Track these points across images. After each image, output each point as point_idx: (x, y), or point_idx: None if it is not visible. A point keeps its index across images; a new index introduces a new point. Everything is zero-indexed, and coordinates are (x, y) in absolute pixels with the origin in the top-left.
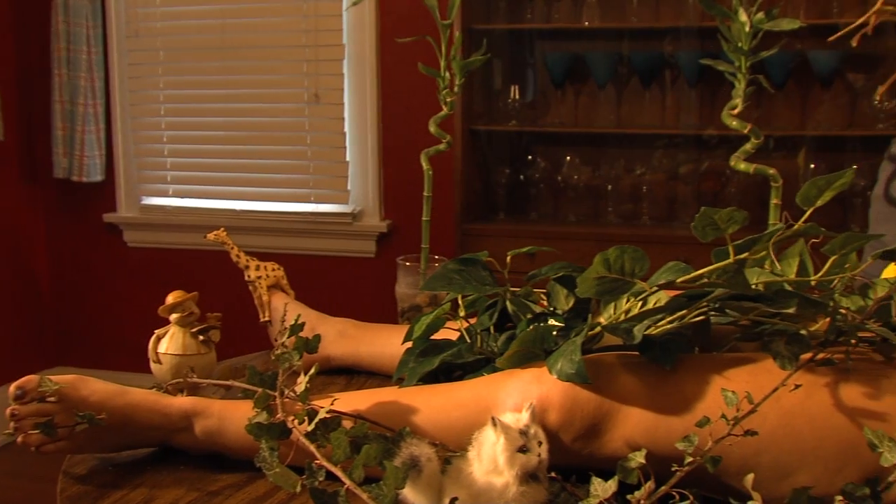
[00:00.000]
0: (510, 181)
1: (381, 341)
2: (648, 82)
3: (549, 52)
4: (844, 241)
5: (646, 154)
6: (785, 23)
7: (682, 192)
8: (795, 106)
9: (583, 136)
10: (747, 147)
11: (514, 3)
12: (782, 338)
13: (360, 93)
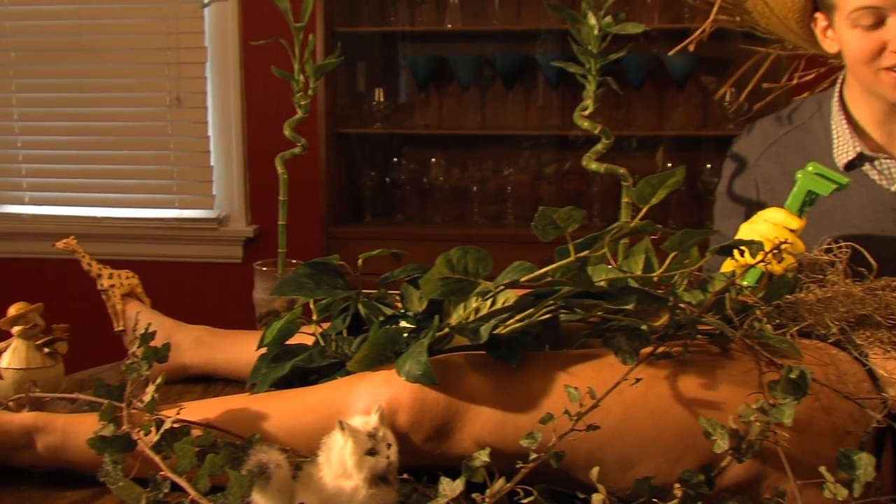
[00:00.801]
0: (377, 184)
1: (237, 348)
2: (512, 84)
3: (413, 54)
4: (683, 237)
5: (511, 155)
6: (630, 27)
7: (546, 192)
8: (653, 107)
9: (448, 137)
10: (598, 147)
11: (378, 6)
12: (623, 333)
13: (223, 96)
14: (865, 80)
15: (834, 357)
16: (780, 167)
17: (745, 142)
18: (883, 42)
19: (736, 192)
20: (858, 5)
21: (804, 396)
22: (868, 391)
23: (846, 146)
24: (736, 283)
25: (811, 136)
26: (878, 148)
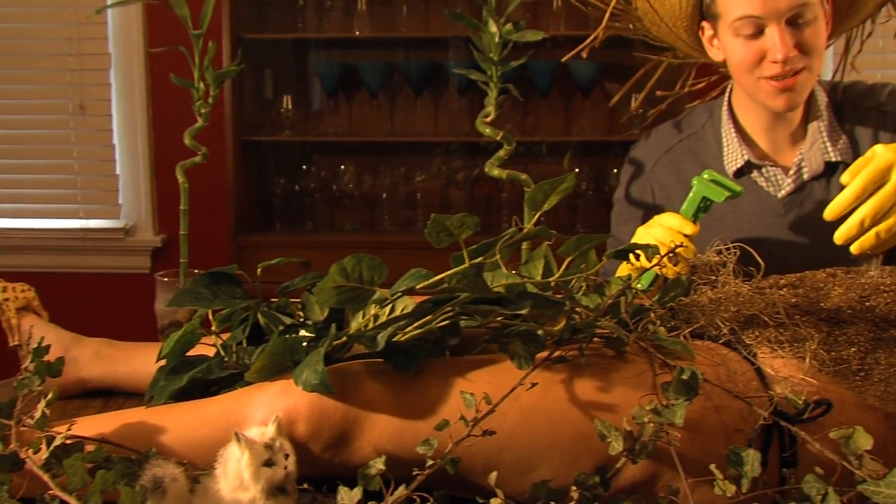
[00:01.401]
0: (286, 192)
1: (139, 360)
2: (421, 91)
3: (322, 61)
4: (577, 242)
5: (421, 161)
6: (530, 34)
7: (456, 198)
8: (560, 113)
9: (358, 145)
10: (501, 154)
11: (286, 13)
12: (519, 338)
13: (128, 103)
14: (748, 89)
15: (725, 357)
16: (674, 174)
17: (642, 149)
18: (763, 51)
19: (633, 197)
20: (739, 15)
21: (695, 396)
22: (756, 389)
23: (735, 154)
24: (631, 286)
25: (703, 143)
26: (764, 156)
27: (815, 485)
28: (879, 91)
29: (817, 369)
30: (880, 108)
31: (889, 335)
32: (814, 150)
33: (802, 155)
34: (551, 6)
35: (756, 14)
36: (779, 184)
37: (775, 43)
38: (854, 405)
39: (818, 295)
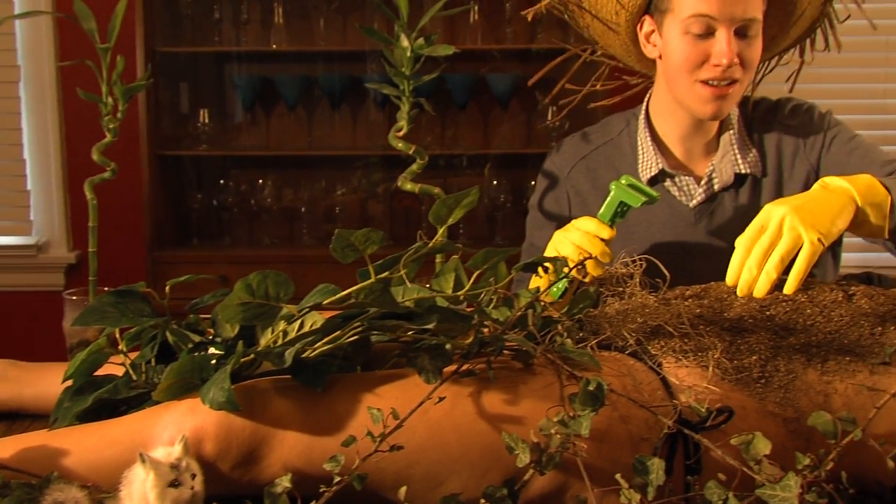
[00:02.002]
0: (204, 206)
1: (46, 381)
2: (339, 104)
3: (239, 74)
4: (485, 255)
5: (341, 175)
6: (441, 49)
7: (376, 212)
8: (478, 125)
9: (276, 159)
10: (413, 168)
11: (202, 26)
12: (427, 353)
13: (39, 117)
14: (680, 90)
15: (631, 367)
16: (590, 181)
17: (558, 155)
18: (707, 54)
19: (548, 203)
20: (694, 12)
21: (602, 407)
22: (662, 399)
23: (650, 162)
24: (541, 299)
25: (619, 151)
26: (678, 165)
27: (717, 490)
28: (783, 106)
29: (720, 377)
30: (783, 121)
31: (788, 343)
32: (725, 162)
33: (714, 166)
34: (468, 20)
35: (711, 14)
36: (691, 193)
37: (723, 47)
38: (755, 412)
39: (722, 305)
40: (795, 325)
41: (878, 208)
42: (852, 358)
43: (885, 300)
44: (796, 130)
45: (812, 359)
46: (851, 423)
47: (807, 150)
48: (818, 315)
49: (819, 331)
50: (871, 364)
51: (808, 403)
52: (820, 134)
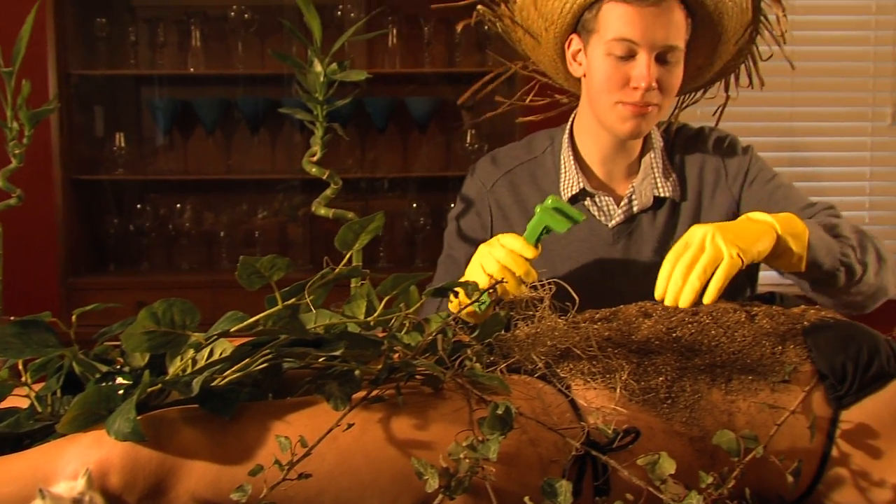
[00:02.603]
0: (120, 232)
1: None
2: (257, 128)
3: (156, 98)
4: (394, 281)
5: (260, 199)
6: (354, 74)
7: (296, 235)
8: (398, 148)
9: (194, 182)
10: (327, 193)
11: (117, 49)
12: (336, 379)
13: None
14: (601, 110)
15: (540, 390)
16: (512, 195)
17: (483, 168)
18: (628, 76)
19: (470, 216)
20: (616, 35)
21: (510, 430)
22: (570, 421)
23: (571, 181)
24: (450, 324)
25: (542, 169)
26: (599, 185)
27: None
28: (706, 135)
29: (628, 399)
30: (706, 151)
31: (693, 364)
32: (645, 185)
33: (634, 188)
34: (386, 44)
35: (633, 38)
36: (610, 213)
37: (642, 71)
38: (662, 432)
39: (630, 328)
40: (700, 346)
41: (797, 239)
42: (754, 377)
43: (786, 319)
44: (719, 161)
45: (716, 379)
46: (753, 440)
47: (729, 181)
48: (722, 336)
49: (723, 351)
50: (773, 382)
51: (713, 422)
52: (742, 168)
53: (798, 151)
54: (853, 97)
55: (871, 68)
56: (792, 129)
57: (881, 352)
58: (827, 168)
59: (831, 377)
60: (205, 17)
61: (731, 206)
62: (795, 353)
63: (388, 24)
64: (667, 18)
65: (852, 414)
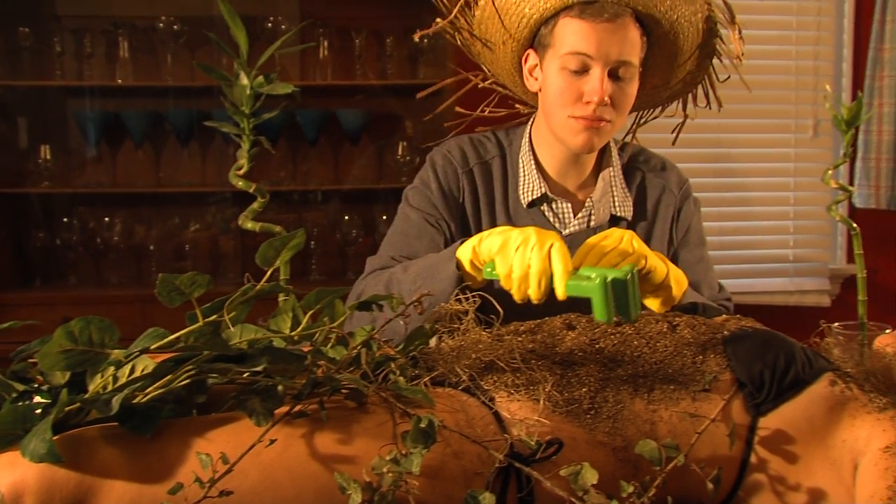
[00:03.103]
0: (46, 246)
1: None
2: (187, 140)
3: (83, 110)
4: (318, 296)
5: (192, 212)
6: (280, 87)
7: (228, 248)
8: (329, 161)
9: (123, 196)
10: (254, 206)
11: (43, 60)
12: (258, 395)
13: None
14: (555, 123)
15: (464, 403)
16: (484, 185)
17: (459, 150)
18: (581, 91)
19: (441, 184)
20: (572, 49)
21: (434, 443)
22: (494, 433)
23: (533, 185)
24: (375, 337)
25: (500, 169)
26: (559, 192)
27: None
28: (669, 172)
29: (551, 410)
30: (667, 188)
31: (616, 374)
32: (604, 202)
33: (593, 203)
34: (318, 56)
35: (587, 52)
36: (565, 221)
37: (595, 85)
38: (585, 442)
39: (554, 340)
40: (623, 356)
41: (679, 284)
42: (676, 386)
43: (706, 329)
44: (674, 202)
45: (639, 389)
46: (675, 449)
47: (677, 227)
48: (644, 346)
49: (645, 361)
50: (694, 391)
51: (636, 432)
52: (687, 222)
53: (725, 163)
54: (776, 110)
55: (793, 82)
56: (719, 141)
57: (797, 359)
58: (753, 179)
59: (750, 385)
60: (133, 28)
61: (668, 250)
62: (716, 362)
63: (319, 36)
64: (622, 35)
65: (770, 421)
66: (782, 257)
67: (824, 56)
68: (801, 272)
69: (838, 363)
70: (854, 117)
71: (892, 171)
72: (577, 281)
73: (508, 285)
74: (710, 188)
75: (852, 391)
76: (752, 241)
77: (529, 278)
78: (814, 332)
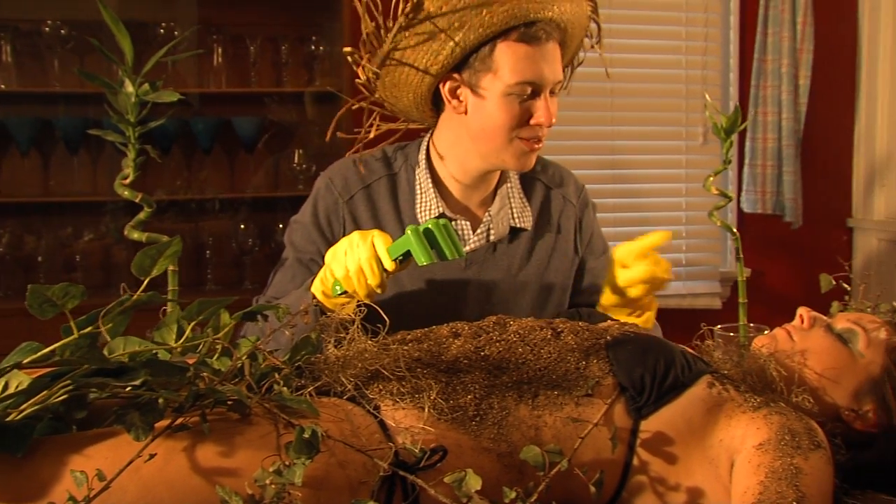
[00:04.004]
0: None
1: None
2: (77, 148)
3: None
4: (199, 307)
5: (84, 222)
6: (166, 95)
7: (120, 259)
8: (225, 169)
9: (9, 205)
10: (140, 216)
11: None
12: (137, 408)
13: None
14: (495, 146)
15: (349, 412)
16: (369, 210)
17: (342, 177)
18: (528, 114)
19: (323, 221)
20: (521, 80)
21: (317, 454)
22: (379, 442)
23: (430, 203)
24: (259, 348)
25: (400, 186)
26: (457, 209)
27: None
28: (569, 181)
29: (436, 418)
30: (567, 198)
31: (501, 381)
32: (502, 215)
33: (491, 216)
34: (212, 63)
35: (537, 80)
36: (465, 239)
37: (547, 109)
38: (470, 449)
39: (440, 348)
40: (508, 363)
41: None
42: (560, 392)
43: (589, 335)
44: (575, 212)
45: (523, 395)
46: (558, 454)
47: (581, 238)
48: (529, 353)
49: (530, 368)
50: (577, 396)
51: (521, 438)
52: (589, 231)
53: (619, 169)
54: (668, 117)
55: (683, 90)
56: (613, 148)
57: (676, 363)
58: (646, 185)
59: (631, 389)
60: (17, 32)
61: (573, 259)
62: (598, 367)
63: (213, 42)
64: (557, 55)
65: (650, 423)
66: (675, 261)
67: (712, 66)
68: (693, 276)
69: (718, 365)
70: (732, 126)
71: (777, 176)
72: (394, 245)
73: (349, 284)
74: (604, 194)
75: (729, 392)
76: None
77: (363, 268)
78: (697, 334)
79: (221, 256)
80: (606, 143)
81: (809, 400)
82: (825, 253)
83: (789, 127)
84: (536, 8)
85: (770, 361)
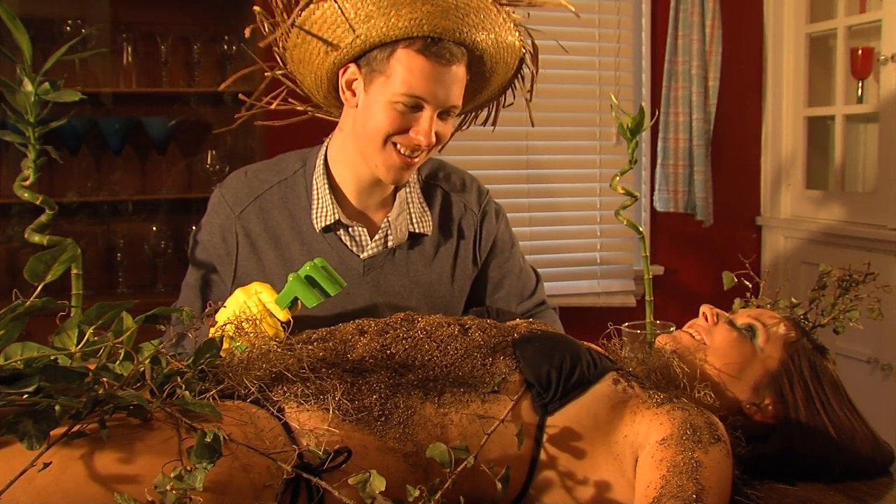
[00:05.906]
0: None
1: None
2: None
3: None
4: (98, 311)
5: None
6: (67, 94)
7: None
8: (136, 170)
9: None
10: (42, 219)
11: None
12: (31, 416)
13: None
14: (370, 149)
15: (253, 415)
16: (262, 222)
17: (233, 191)
18: (408, 125)
19: (216, 241)
20: (407, 91)
21: (220, 458)
22: (284, 444)
23: (326, 211)
24: (162, 351)
25: (294, 192)
26: (354, 214)
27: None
28: (470, 186)
29: (341, 419)
30: (468, 203)
31: (407, 380)
32: (401, 220)
33: (389, 222)
34: (122, 62)
35: (424, 97)
36: (363, 245)
37: (426, 128)
38: (376, 449)
39: (345, 347)
40: (414, 361)
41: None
42: (466, 389)
43: (497, 332)
44: (475, 217)
45: (429, 393)
46: (464, 451)
47: (480, 242)
48: (435, 350)
49: (436, 365)
50: (483, 393)
51: (427, 436)
52: (492, 235)
53: (534, 169)
54: (582, 118)
55: (597, 91)
56: (528, 149)
57: (582, 360)
58: (561, 185)
59: (537, 385)
60: None
61: (472, 268)
62: (505, 364)
63: (123, 41)
64: (458, 80)
65: (557, 419)
66: (590, 260)
67: (625, 67)
68: (608, 274)
69: (624, 362)
70: (638, 126)
71: (688, 176)
72: (282, 295)
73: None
74: (519, 194)
75: (633, 389)
76: (561, 245)
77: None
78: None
79: (134, 259)
80: (521, 143)
81: (711, 395)
82: (735, 251)
83: (700, 127)
84: (447, 27)
85: (674, 358)
